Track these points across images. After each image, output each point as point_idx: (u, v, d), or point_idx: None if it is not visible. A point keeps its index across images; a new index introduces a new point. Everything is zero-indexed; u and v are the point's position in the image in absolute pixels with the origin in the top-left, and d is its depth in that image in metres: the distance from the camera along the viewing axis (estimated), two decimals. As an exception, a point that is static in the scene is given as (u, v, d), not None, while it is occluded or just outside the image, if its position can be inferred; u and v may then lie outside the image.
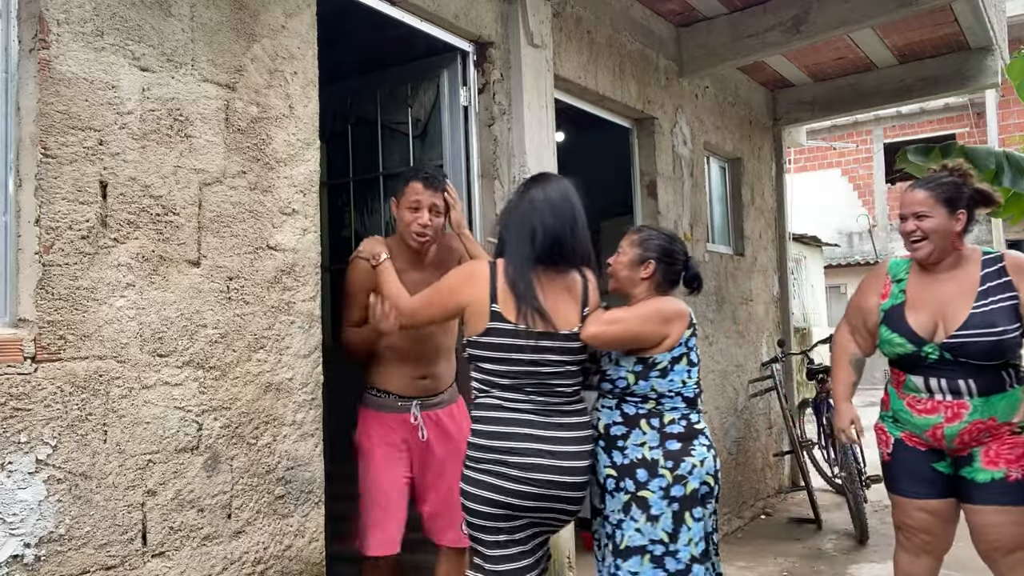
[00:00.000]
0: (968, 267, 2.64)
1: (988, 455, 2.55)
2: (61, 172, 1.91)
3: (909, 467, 2.68)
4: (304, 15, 2.55)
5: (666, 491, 2.39)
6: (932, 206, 2.61)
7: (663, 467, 2.40)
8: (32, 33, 1.90)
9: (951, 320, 2.56)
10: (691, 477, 2.40)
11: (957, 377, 2.55)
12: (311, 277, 2.52)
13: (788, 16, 4.65)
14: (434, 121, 3.59)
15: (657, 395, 2.46)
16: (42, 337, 1.85)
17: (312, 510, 2.46)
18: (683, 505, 2.39)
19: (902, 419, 2.70)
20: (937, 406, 2.58)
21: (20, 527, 1.78)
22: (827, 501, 5.81)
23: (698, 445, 2.45)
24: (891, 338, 2.66)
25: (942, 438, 2.58)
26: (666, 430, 2.45)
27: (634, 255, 2.63)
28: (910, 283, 2.71)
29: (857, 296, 2.91)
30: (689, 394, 2.49)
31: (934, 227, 2.61)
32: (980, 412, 2.53)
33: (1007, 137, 13.02)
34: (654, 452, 2.42)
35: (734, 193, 6.08)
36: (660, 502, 2.39)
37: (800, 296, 10.30)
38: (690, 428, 2.47)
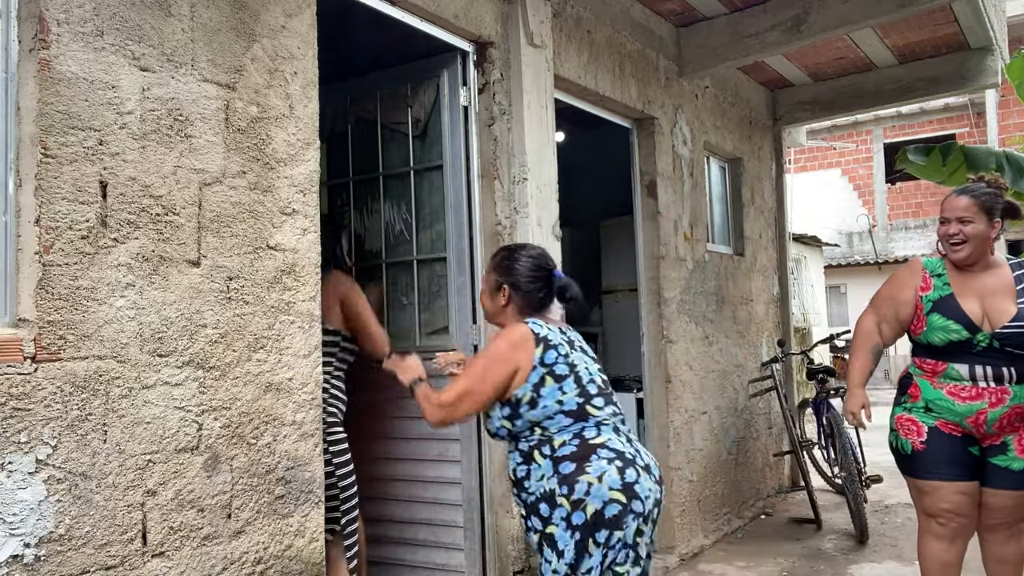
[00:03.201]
0: (999, 269, 2.86)
1: (1021, 443, 2.78)
2: (61, 172, 1.91)
3: (947, 452, 2.82)
4: (304, 15, 2.55)
5: (567, 520, 2.15)
6: (975, 212, 2.81)
7: (560, 495, 2.17)
8: (32, 33, 1.90)
9: (997, 313, 2.76)
10: (589, 498, 2.13)
11: (1001, 365, 2.75)
12: (311, 277, 2.52)
13: (788, 16, 4.65)
14: (434, 121, 3.59)
15: (536, 423, 2.25)
16: (42, 337, 1.85)
17: (312, 510, 2.46)
18: (584, 533, 2.13)
19: (939, 408, 2.82)
20: (982, 392, 2.76)
21: (20, 527, 1.78)
22: (827, 501, 5.81)
23: (595, 460, 2.18)
24: (946, 324, 2.80)
25: (984, 423, 2.76)
26: (557, 454, 2.22)
27: (491, 283, 2.45)
28: (951, 278, 2.88)
29: (890, 287, 3.03)
30: (572, 407, 2.24)
31: (975, 232, 2.81)
32: (1019, 398, 2.75)
33: (1007, 137, 13.02)
34: (551, 482, 2.20)
35: (734, 193, 6.08)
36: (564, 534, 2.15)
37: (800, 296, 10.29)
38: (584, 445, 2.21)
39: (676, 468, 4.73)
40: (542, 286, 2.39)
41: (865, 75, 6.12)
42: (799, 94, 6.47)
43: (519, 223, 3.48)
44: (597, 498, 2.13)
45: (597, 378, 2.35)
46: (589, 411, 2.26)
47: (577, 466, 2.18)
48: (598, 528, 2.12)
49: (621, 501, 2.13)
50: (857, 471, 5.18)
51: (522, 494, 2.28)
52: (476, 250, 3.49)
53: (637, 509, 2.15)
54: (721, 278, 5.53)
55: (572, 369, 2.29)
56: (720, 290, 5.50)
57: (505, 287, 2.39)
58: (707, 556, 4.73)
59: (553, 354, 2.28)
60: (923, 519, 2.91)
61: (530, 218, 3.48)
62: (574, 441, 2.22)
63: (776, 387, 5.65)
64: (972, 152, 5.14)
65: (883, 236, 15.61)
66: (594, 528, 2.12)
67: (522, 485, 2.28)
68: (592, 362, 2.40)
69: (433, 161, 3.59)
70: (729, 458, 5.45)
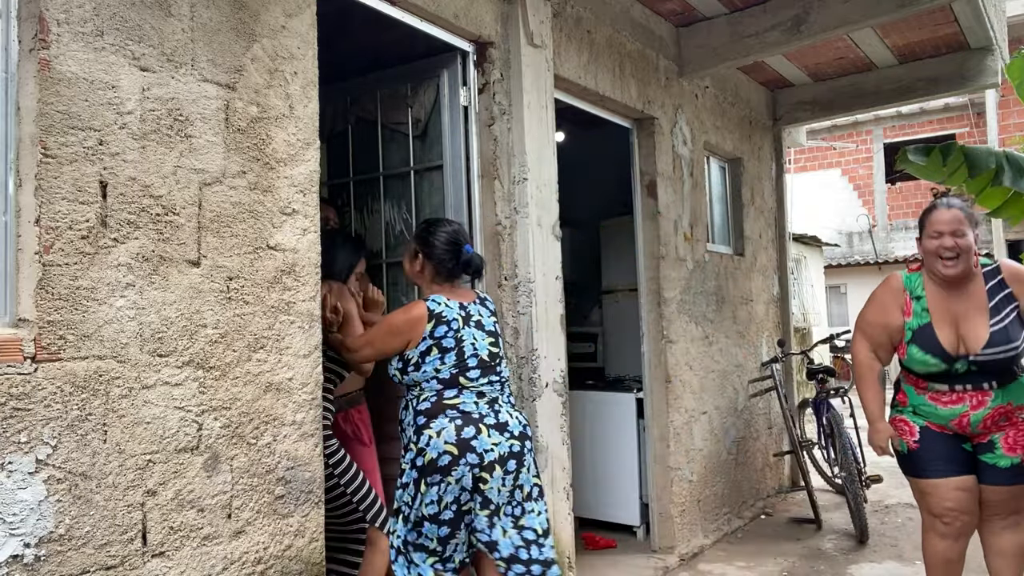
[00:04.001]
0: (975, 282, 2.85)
1: (1007, 442, 2.80)
2: (61, 172, 1.91)
3: (940, 450, 2.86)
4: (304, 15, 2.55)
5: (412, 462, 2.65)
6: (967, 226, 2.80)
7: (411, 441, 2.67)
8: (32, 33, 1.90)
9: (972, 338, 2.76)
10: (429, 448, 2.60)
11: (980, 381, 2.80)
12: (311, 277, 2.52)
13: (788, 16, 4.65)
14: (434, 121, 3.59)
15: (417, 383, 2.70)
16: (42, 337, 1.85)
17: (312, 510, 2.46)
18: (420, 474, 2.61)
19: (924, 412, 2.88)
20: (962, 396, 2.80)
21: (20, 527, 1.78)
22: (827, 501, 5.81)
23: (440, 418, 2.63)
24: (924, 359, 2.82)
25: (968, 425, 2.81)
26: (417, 408, 2.69)
27: (411, 250, 2.85)
28: (929, 299, 2.87)
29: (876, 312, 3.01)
30: (446, 376, 2.67)
31: (968, 245, 2.79)
32: (1001, 398, 2.79)
33: (1007, 137, 13.02)
34: (409, 429, 2.70)
35: (734, 193, 6.08)
36: (410, 472, 2.65)
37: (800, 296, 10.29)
38: (439, 404, 2.66)
39: (676, 468, 4.73)
40: (452, 257, 2.77)
41: (865, 75, 6.12)
42: (799, 94, 6.47)
43: (519, 223, 3.48)
44: (434, 448, 2.59)
45: (483, 352, 2.73)
46: (461, 381, 2.68)
47: (426, 420, 2.64)
48: (431, 473, 2.59)
49: (452, 453, 2.57)
50: (857, 471, 5.18)
51: (402, 433, 2.76)
52: (476, 250, 3.48)
53: (472, 460, 2.58)
54: (721, 278, 5.53)
55: (459, 343, 2.69)
56: (720, 290, 5.49)
57: (420, 255, 2.79)
58: (707, 556, 4.74)
59: (444, 328, 2.69)
60: (927, 518, 2.94)
61: (530, 218, 3.48)
62: (432, 398, 2.68)
63: (776, 387, 5.65)
64: (972, 152, 5.13)
65: (883, 236, 15.61)
66: (428, 472, 2.59)
67: (401, 426, 2.77)
68: (485, 336, 2.76)
69: (433, 161, 3.59)
70: (729, 458, 5.45)
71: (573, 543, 3.64)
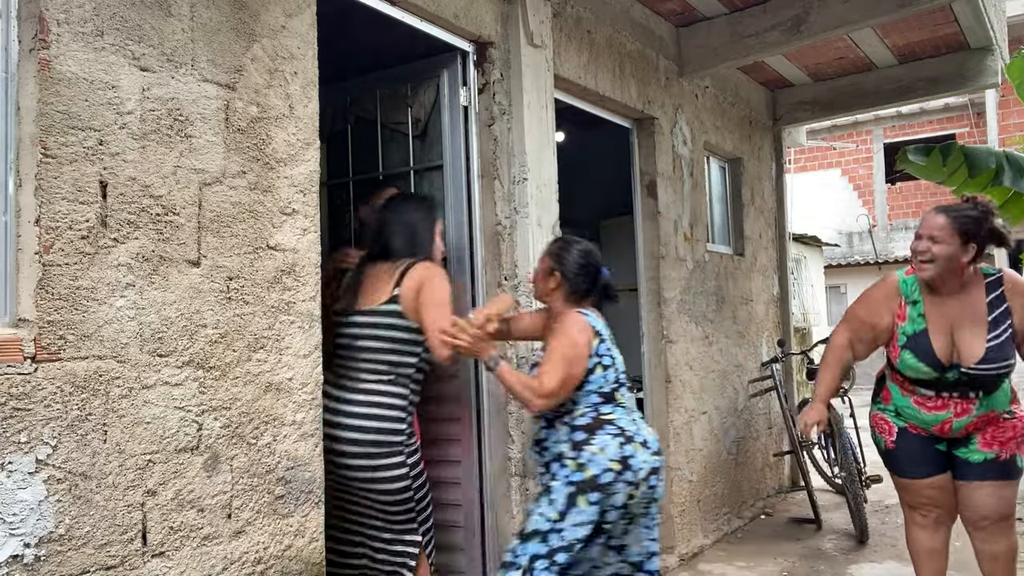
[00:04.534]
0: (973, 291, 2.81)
1: (984, 438, 2.84)
2: (61, 172, 1.91)
3: (914, 452, 2.93)
4: (304, 15, 2.55)
5: (567, 478, 2.58)
6: (948, 234, 2.75)
7: (568, 457, 2.61)
8: (32, 33, 1.90)
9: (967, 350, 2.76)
10: (590, 464, 2.55)
11: (968, 391, 2.83)
12: (311, 277, 2.52)
13: (788, 16, 4.65)
14: (434, 121, 3.59)
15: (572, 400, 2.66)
16: (42, 337, 1.85)
17: (312, 510, 2.46)
18: (579, 488, 2.54)
19: (907, 414, 2.92)
20: (947, 403, 2.83)
21: (20, 527, 1.78)
22: (827, 501, 5.81)
23: (602, 434, 2.60)
24: (917, 366, 2.83)
25: (949, 430, 2.85)
26: (574, 423, 2.65)
27: (545, 267, 2.80)
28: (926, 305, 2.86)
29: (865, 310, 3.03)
30: (607, 391, 2.66)
31: (943, 252, 2.75)
32: (984, 407, 2.82)
33: (1007, 137, 13.02)
34: (564, 445, 2.65)
35: (734, 193, 6.08)
36: (561, 488, 2.57)
37: (800, 296, 10.30)
38: (598, 419, 2.64)
39: (676, 468, 4.73)
40: (588, 279, 2.77)
41: (865, 75, 6.12)
42: (799, 94, 6.47)
43: (519, 223, 3.48)
44: (596, 465, 2.55)
45: (621, 367, 2.76)
46: (616, 397, 2.67)
47: (586, 436, 2.60)
48: (590, 490, 2.53)
49: (615, 470, 2.54)
50: (857, 471, 5.18)
51: (542, 452, 2.72)
52: (476, 250, 3.48)
53: (629, 478, 2.56)
54: (721, 278, 5.53)
55: (613, 360, 2.71)
56: (720, 290, 5.49)
57: (556, 273, 2.75)
58: (707, 556, 4.74)
59: (604, 346, 2.68)
60: (906, 509, 3.08)
61: (530, 218, 3.48)
62: (590, 414, 2.64)
63: (776, 387, 5.65)
64: (972, 152, 5.13)
65: (883, 236, 15.61)
66: (586, 488, 2.53)
67: (543, 445, 2.72)
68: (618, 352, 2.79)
69: (433, 161, 3.59)
70: (729, 458, 5.45)
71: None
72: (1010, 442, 2.84)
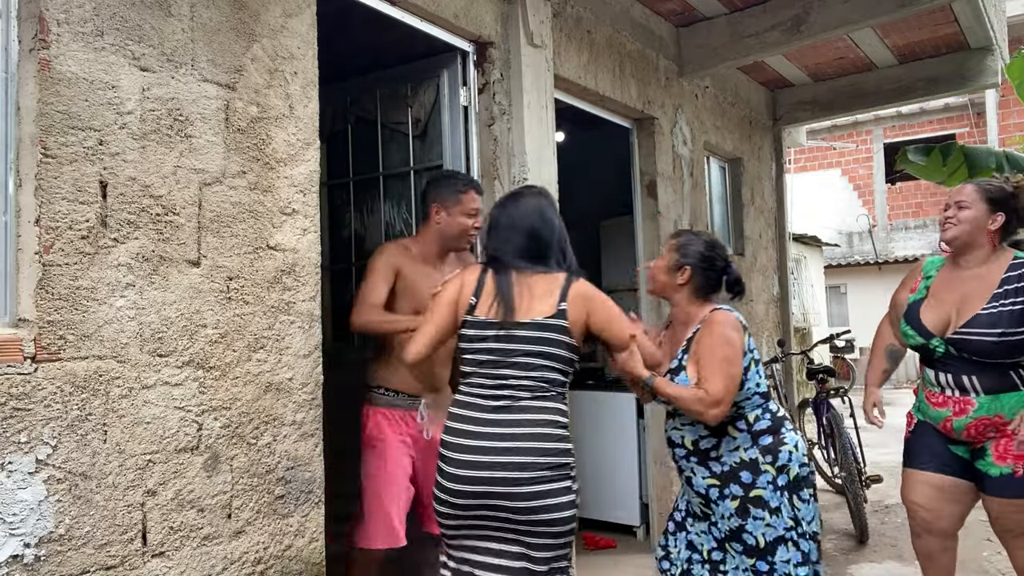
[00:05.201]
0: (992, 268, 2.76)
1: (998, 450, 2.70)
2: (61, 172, 1.91)
3: (927, 443, 2.86)
4: (304, 15, 2.55)
5: (774, 483, 2.51)
6: (974, 200, 2.77)
7: (765, 463, 2.52)
8: (32, 33, 1.90)
9: (962, 318, 2.71)
10: (790, 463, 2.53)
11: (961, 373, 2.71)
12: (311, 277, 2.52)
13: (788, 16, 4.65)
14: (434, 121, 3.59)
15: (736, 403, 2.52)
16: (42, 337, 1.85)
17: (312, 510, 2.46)
18: (791, 491, 2.52)
19: (923, 410, 2.89)
20: (947, 400, 2.75)
21: (20, 527, 1.78)
22: (827, 501, 5.80)
23: (786, 432, 2.58)
24: (905, 330, 2.85)
25: (951, 430, 2.76)
26: (755, 428, 2.56)
27: (671, 260, 2.66)
28: (936, 279, 2.86)
29: (898, 291, 3.05)
30: (764, 389, 2.59)
31: (968, 217, 2.75)
32: (986, 409, 2.66)
33: (1007, 137, 13.02)
34: (750, 452, 2.53)
35: (734, 193, 6.08)
36: (774, 495, 2.50)
37: (800, 296, 10.29)
38: (775, 419, 2.58)
39: (676, 468, 4.72)
40: (717, 273, 2.67)
41: (865, 75, 6.12)
42: (799, 94, 6.47)
43: (519, 223, 3.48)
44: (795, 462, 2.53)
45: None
46: (769, 392, 2.63)
47: (774, 438, 2.55)
48: (802, 487, 2.53)
49: (807, 464, 2.57)
50: (857, 471, 5.17)
51: (709, 463, 2.56)
52: (476, 250, 3.48)
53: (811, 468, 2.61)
54: (721, 278, 5.52)
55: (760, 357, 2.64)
56: (720, 290, 5.49)
57: (687, 268, 2.63)
58: (707, 556, 4.73)
59: (752, 342, 2.61)
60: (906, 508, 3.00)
61: (530, 218, 3.48)
62: (766, 416, 2.57)
63: (776, 387, 5.65)
64: (972, 152, 5.14)
65: (883, 236, 15.61)
66: (798, 487, 2.52)
67: (708, 455, 2.56)
68: None
69: (433, 161, 3.59)
70: (729, 458, 5.44)
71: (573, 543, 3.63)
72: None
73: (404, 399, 2.92)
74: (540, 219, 2.41)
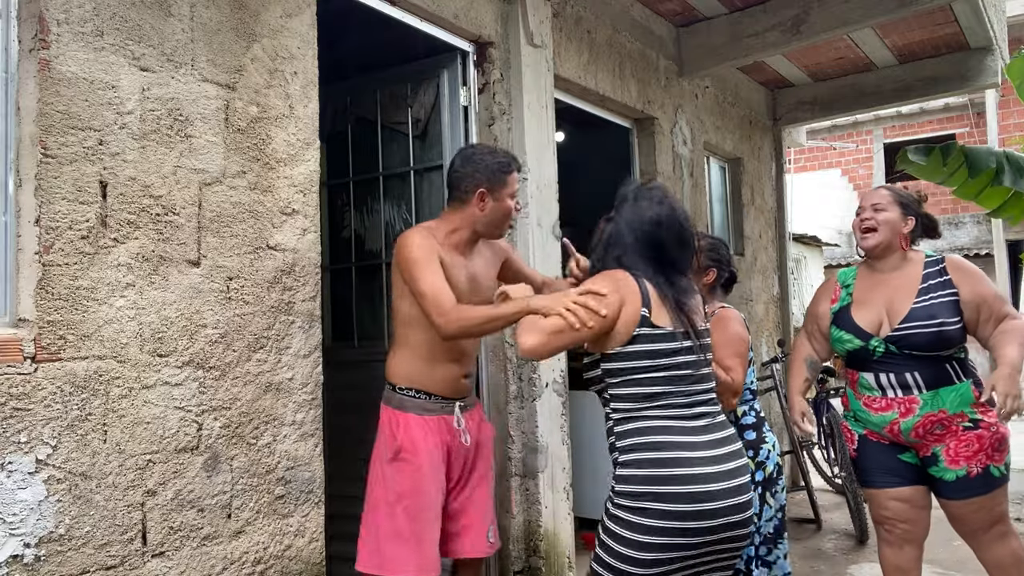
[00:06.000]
0: (910, 268, 2.83)
1: (948, 454, 2.70)
2: (61, 172, 1.91)
3: (876, 460, 2.84)
4: (304, 15, 2.55)
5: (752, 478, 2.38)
6: (889, 203, 2.84)
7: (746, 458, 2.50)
8: (32, 33, 1.90)
9: (895, 316, 2.73)
10: (768, 461, 2.67)
11: (903, 371, 2.71)
12: (311, 277, 2.52)
13: (788, 16, 4.65)
14: (434, 121, 3.59)
15: None
16: (42, 337, 1.85)
17: (312, 510, 2.46)
18: (764, 487, 2.63)
19: (861, 418, 2.85)
20: (891, 403, 2.73)
21: (20, 527, 1.78)
22: (827, 501, 5.81)
23: (766, 431, 2.74)
24: (840, 336, 2.84)
25: (899, 432, 2.74)
26: (742, 422, 2.70)
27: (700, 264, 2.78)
28: (857, 286, 2.90)
29: (811, 304, 3.10)
30: (753, 387, 2.78)
31: (886, 219, 2.81)
32: (930, 405, 2.67)
33: (1007, 137, 13.01)
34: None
35: (734, 193, 6.08)
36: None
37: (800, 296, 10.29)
38: (758, 417, 2.75)
39: (676, 468, 4.72)
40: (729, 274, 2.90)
41: (865, 75, 6.12)
42: (799, 94, 6.47)
43: (519, 223, 3.48)
44: (771, 461, 2.69)
45: None
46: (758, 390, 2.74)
47: (757, 434, 2.71)
48: (774, 484, 2.67)
49: (779, 463, 2.70)
50: (857, 471, 5.17)
51: None
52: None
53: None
54: (721, 278, 5.52)
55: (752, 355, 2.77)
56: (720, 290, 5.49)
57: (713, 271, 2.82)
58: (707, 556, 4.73)
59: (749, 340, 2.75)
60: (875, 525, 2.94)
61: (530, 218, 3.48)
62: (752, 413, 2.74)
63: (776, 387, 5.65)
64: (972, 152, 5.13)
65: (883, 236, 15.59)
66: (770, 484, 2.65)
67: None
68: None
69: (433, 161, 3.59)
70: (729, 458, 5.44)
71: (573, 543, 3.63)
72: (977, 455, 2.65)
73: (438, 402, 2.50)
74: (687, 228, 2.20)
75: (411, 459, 2.43)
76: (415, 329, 2.48)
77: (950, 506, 2.74)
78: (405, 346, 2.52)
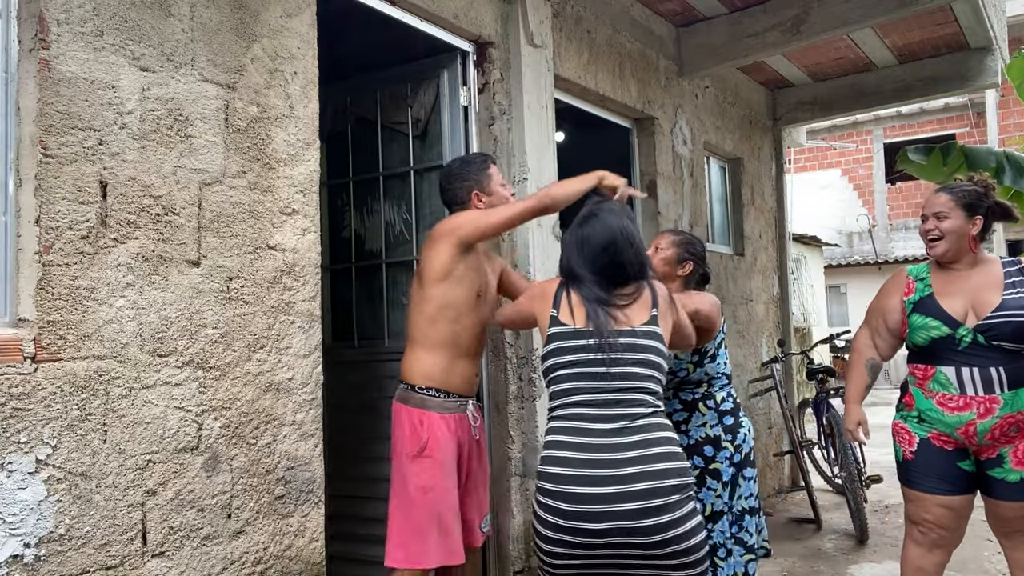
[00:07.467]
0: (989, 266, 2.80)
1: (1017, 455, 2.68)
2: (61, 172, 1.91)
3: (935, 466, 2.77)
4: (304, 15, 2.55)
5: (730, 460, 2.87)
6: (951, 208, 2.78)
7: (725, 440, 2.88)
8: (32, 33, 1.90)
9: (982, 306, 2.69)
10: (744, 444, 2.91)
11: (988, 365, 2.64)
12: (311, 277, 2.52)
13: (788, 16, 4.65)
14: (434, 121, 3.59)
15: (708, 379, 2.92)
16: (42, 337, 1.85)
17: (312, 510, 2.46)
18: (737, 468, 2.88)
19: (930, 419, 2.76)
20: (969, 402, 2.66)
21: (20, 527, 1.78)
22: (827, 501, 5.81)
23: (742, 416, 2.97)
24: (925, 323, 2.75)
25: (974, 435, 2.68)
26: (721, 408, 2.92)
27: (674, 254, 3.00)
28: (934, 280, 2.85)
29: (877, 299, 3.02)
30: (728, 372, 2.97)
31: (951, 228, 2.77)
32: (1010, 406, 2.63)
33: (1007, 137, 13.02)
34: (715, 430, 2.89)
35: (734, 193, 6.08)
36: (727, 469, 2.87)
37: (800, 296, 10.30)
38: (735, 403, 2.96)
39: (676, 468, 4.72)
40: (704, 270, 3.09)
41: (865, 75, 6.12)
42: (799, 94, 6.47)
43: (519, 223, 3.48)
44: (747, 444, 2.92)
45: None
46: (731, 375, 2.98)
47: (735, 419, 2.92)
48: (748, 466, 2.91)
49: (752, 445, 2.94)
50: (857, 471, 5.18)
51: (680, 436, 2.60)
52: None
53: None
54: (721, 278, 5.53)
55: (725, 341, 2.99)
56: (720, 290, 5.49)
57: (689, 263, 3.00)
58: (707, 556, 4.73)
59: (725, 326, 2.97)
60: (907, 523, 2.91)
61: (530, 218, 3.48)
62: (730, 398, 2.95)
63: (776, 387, 5.65)
64: (972, 152, 5.14)
65: (883, 236, 15.61)
66: (745, 465, 2.91)
67: (678, 428, 2.78)
68: None
69: (433, 161, 3.59)
70: (729, 458, 5.44)
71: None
72: None
73: (455, 400, 2.66)
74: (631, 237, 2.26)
75: (435, 455, 2.58)
76: (438, 325, 2.64)
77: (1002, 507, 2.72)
78: (424, 345, 2.66)
